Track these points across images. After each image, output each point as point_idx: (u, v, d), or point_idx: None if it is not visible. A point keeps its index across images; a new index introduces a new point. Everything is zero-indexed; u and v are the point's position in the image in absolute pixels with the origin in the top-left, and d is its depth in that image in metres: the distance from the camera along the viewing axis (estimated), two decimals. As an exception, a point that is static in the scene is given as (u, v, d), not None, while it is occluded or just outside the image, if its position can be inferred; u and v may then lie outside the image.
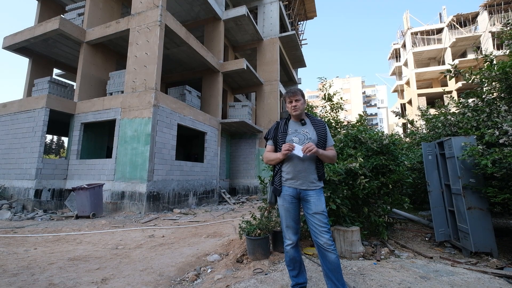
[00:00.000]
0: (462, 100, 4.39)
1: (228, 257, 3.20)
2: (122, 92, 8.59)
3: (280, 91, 14.16)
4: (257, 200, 11.34)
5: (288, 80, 18.74)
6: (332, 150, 2.01)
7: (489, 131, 3.17)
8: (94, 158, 8.77)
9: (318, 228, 1.82)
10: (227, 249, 3.61)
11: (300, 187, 1.92)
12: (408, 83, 27.13)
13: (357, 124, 4.49)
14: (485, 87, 3.95)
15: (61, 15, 9.73)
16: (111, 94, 8.95)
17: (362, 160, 3.21)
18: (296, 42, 15.57)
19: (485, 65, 3.71)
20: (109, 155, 9.02)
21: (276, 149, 2.05)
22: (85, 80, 9.31)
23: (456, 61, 20.74)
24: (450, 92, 22.20)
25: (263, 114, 13.90)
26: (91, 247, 4.01)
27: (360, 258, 2.89)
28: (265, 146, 2.15)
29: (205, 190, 10.12)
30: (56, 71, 12.43)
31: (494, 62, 3.71)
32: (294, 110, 2.00)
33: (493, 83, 3.76)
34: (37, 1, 11.42)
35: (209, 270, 2.94)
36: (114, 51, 10.51)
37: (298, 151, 1.85)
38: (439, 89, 23.54)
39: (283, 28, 17.16)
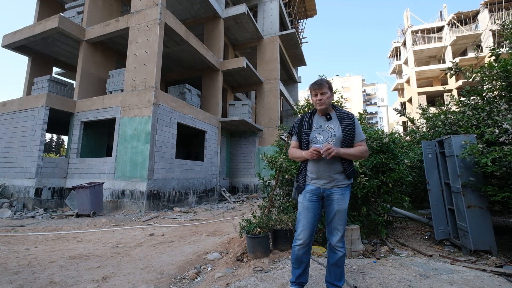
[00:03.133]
0: (462, 98, 4.38)
1: (228, 255, 3.21)
2: (122, 90, 8.58)
3: (280, 90, 14.15)
4: (257, 199, 11.35)
5: (288, 78, 18.71)
6: (361, 146, 1.85)
7: (489, 129, 3.16)
8: (94, 157, 8.78)
9: (335, 226, 1.81)
10: (227, 247, 3.62)
11: (325, 187, 1.84)
12: (408, 81, 27.08)
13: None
14: (485, 85, 3.94)
15: (61, 14, 9.68)
16: (111, 92, 8.94)
17: (362, 158, 3.20)
18: (296, 41, 15.53)
19: (490, 59, 3.68)
20: (109, 154, 9.02)
21: (301, 145, 1.95)
22: (85, 79, 9.30)
23: (457, 59, 20.64)
24: (451, 90, 22.15)
25: (263, 113, 13.89)
26: (91, 246, 4.02)
27: (360, 256, 2.90)
28: (289, 141, 2.15)
29: (205, 189, 10.13)
30: (55, 69, 12.41)
31: (499, 57, 3.67)
32: (319, 104, 1.86)
33: (494, 81, 3.74)
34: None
35: (209, 268, 2.95)
36: (114, 49, 10.49)
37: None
38: (440, 88, 23.53)
39: (283, 26, 17.10)
